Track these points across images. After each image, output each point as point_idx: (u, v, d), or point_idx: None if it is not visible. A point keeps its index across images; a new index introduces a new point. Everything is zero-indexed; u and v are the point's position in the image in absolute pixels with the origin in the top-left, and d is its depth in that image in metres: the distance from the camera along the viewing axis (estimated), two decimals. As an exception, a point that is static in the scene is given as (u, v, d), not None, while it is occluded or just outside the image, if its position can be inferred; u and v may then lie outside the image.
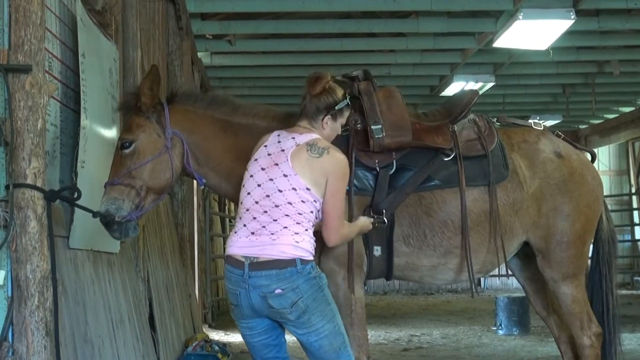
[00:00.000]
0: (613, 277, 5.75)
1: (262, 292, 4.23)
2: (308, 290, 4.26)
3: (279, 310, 4.25)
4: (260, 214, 4.31)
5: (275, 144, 4.45)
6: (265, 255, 4.24)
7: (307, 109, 4.53)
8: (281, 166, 4.34)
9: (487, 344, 11.17)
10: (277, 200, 4.29)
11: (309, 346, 4.36)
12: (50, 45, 4.73)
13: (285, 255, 4.24)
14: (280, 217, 4.28)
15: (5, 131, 4.09)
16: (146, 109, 4.78)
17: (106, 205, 4.66)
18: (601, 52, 14.14)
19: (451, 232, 5.11)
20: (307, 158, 4.33)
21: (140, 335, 6.47)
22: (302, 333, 4.32)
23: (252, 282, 4.24)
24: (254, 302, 4.27)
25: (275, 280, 4.22)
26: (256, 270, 4.24)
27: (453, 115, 5.26)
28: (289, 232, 4.27)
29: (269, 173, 4.36)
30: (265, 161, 4.41)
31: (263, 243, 4.27)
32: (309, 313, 4.27)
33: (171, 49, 9.90)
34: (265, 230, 4.28)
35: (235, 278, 4.30)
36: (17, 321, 4.10)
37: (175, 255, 9.30)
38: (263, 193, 4.33)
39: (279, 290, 4.22)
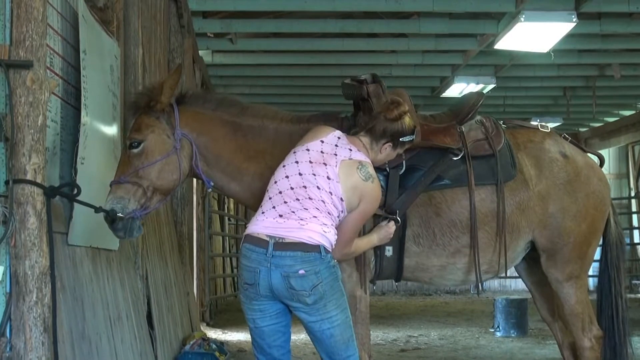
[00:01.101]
0: (622, 281, 5.77)
1: (284, 272, 4.25)
2: (328, 277, 4.30)
3: (299, 291, 4.26)
4: (293, 200, 4.36)
5: (331, 145, 4.51)
6: (292, 237, 4.28)
7: (375, 129, 4.59)
8: (328, 168, 4.40)
9: (484, 345, 11.17)
10: (313, 194, 4.36)
11: (320, 334, 4.36)
12: (51, 41, 4.73)
13: (311, 240, 4.28)
14: (311, 208, 4.34)
15: (5, 127, 4.09)
16: (161, 109, 4.80)
17: (111, 204, 4.67)
18: (602, 55, 14.14)
19: (459, 231, 5.13)
20: (354, 176, 4.42)
21: (138, 332, 6.47)
22: (315, 320, 4.33)
23: (275, 261, 4.26)
24: (274, 282, 4.27)
25: (300, 261, 4.25)
26: (281, 250, 4.26)
27: (460, 116, 5.30)
28: (317, 222, 4.32)
29: (314, 168, 4.41)
30: (316, 156, 4.46)
31: (291, 226, 4.30)
32: (326, 299, 4.30)
33: (172, 47, 9.90)
34: (294, 216, 4.32)
35: (256, 256, 4.30)
36: (16, 317, 4.09)
37: (174, 253, 9.30)
38: (302, 182, 4.38)
39: (302, 271, 4.24)
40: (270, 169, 5.00)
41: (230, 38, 12.90)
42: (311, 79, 15.85)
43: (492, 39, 11.97)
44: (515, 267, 5.77)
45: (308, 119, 5.17)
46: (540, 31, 10.90)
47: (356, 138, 4.61)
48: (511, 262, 5.44)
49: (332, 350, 4.39)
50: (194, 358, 8.08)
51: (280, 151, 5.03)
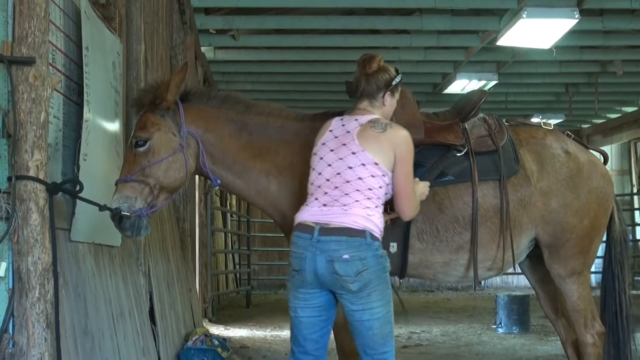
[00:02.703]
0: (626, 277, 5.77)
1: (329, 256, 4.26)
2: (374, 266, 4.30)
3: (343, 277, 4.26)
4: (332, 189, 4.38)
5: (340, 127, 4.54)
6: (336, 222, 4.30)
7: (367, 89, 4.62)
8: (349, 145, 4.43)
9: (486, 342, 11.17)
10: (348, 176, 4.37)
11: (360, 325, 4.35)
12: (54, 38, 4.73)
13: (356, 225, 4.29)
14: (351, 191, 4.35)
15: (8, 123, 4.09)
16: (167, 107, 4.80)
17: (118, 203, 4.67)
18: (604, 51, 14.13)
19: (462, 227, 5.14)
20: (373, 134, 4.44)
21: (141, 328, 6.48)
22: (357, 309, 4.32)
23: (321, 245, 4.28)
24: (319, 267, 4.28)
25: (345, 246, 4.26)
26: (326, 235, 4.28)
27: (463, 113, 5.33)
28: (360, 205, 4.34)
29: (337, 153, 4.44)
30: (333, 143, 4.49)
31: (335, 212, 4.33)
32: (370, 288, 4.29)
33: (175, 43, 9.89)
34: (337, 203, 4.35)
35: (303, 241, 4.33)
36: (18, 313, 4.10)
37: (177, 249, 9.31)
38: (334, 171, 4.40)
39: (347, 255, 4.25)
40: (275, 167, 5.02)
41: (233, 34, 12.90)
42: (313, 75, 15.85)
43: (494, 35, 11.96)
44: (519, 265, 5.77)
45: (312, 116, 5.19)
46: (543, 28, 10.88)
47: (355, 110, 4.65)
48: (515, 258, 5.44)
49: (368, 344, 4.38)
50: (197, 354, 8.08)
51: (286, 149, 5.05)
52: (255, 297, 18.32)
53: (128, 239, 5.39)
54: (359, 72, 4.66)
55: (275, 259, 22.24)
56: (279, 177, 5.04)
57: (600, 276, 5.90)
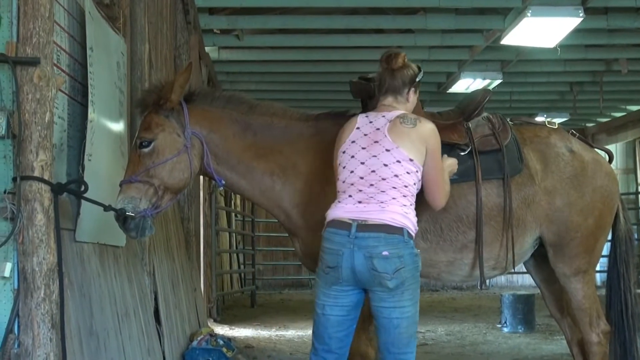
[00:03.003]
0: (631, 276, 5.76)
1: (368, 253, 4.25)
2: (410, 264, 4.32)
3: (381, 273, 4.25)
4: (367, 187, 4.37)
5: (367, 125, 4.52)
6: (374, 219, 4.29)
7: (392, 85, 4.62)
8: (382, 142, 4.42)
9: (491, 341, 11.17)
10: (384, 173, 4.36)
11: (388, 322, 4.34)
12: (58, 38, 4.74)
13: (394, 222, 4.29)
14: (387, 189, 4.35)
15: (13, 123, 4.10)
16: (171, 107, 4.81)
17: (122, 204, 4.67)
18: (609, 50, 14.11)
19: (466, 226, 5.14)
20: (404, 130, 4.43)
21: (146, 328, 6.48)
22: (387, 306, 4.31)
23: (359, 242, 4.26)
24: (357, 263, 4.26)
25: (383, 242, 4.26)
26: (364, 232, 4.27)
27: (467, 113, 5.32)
28: (397, 203, 4.34)
29: (370, 151, 4.42)
30: (364, 141, 4.47)
31: (372, 209, 4.32)
32: (404, 287, 4.30)
33: (179, 43, 9.90)
34: (374, 200, 4.34)
35: (340, 238, 4.30)
36: (23, 313, 4.10)
37: (181, 249, 9.31)
38: (368, 169, 4.39)
39: (386, 252, 4.24)
40: (279, 167, 5.02)
41: (237, 34, 12.90)
42: (317, 75, 15.84)
43: (499, 34, 11.95)
44: (524, 264, 5.77)
45: (316, 116, 5.19)
46: (547, 26, 10.88)
47: (380, 106, 4.63)
48: (520, 258, 5.43)
49: (392, 342, 4.37)
50: (202, 354, 8.09)
51: (290, 149, 5.05)
52: (260, 297, 18.33)
53: (132, 239, 5.39)
54: (383, 68, 4.65)
55: (279, 258, 22.27)
56: (283, 177, 5.04)
57: (605, 275, 5.89)
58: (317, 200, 4.93)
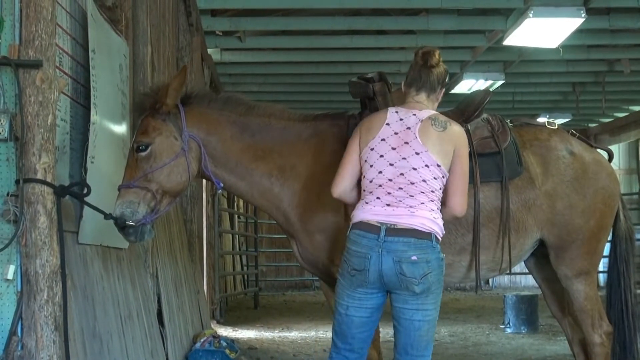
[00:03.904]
0: (631, 275, 5.76)
1: (397, 257, 4.23)
2: (437, 269, 4.31)
3: (409, 278, 4.24)
4: (396, 190, 4.32)
5: (398, 122, 4.42)
6: (404, 224, 4.27)
7: (429, 82, 4.53)
8: (412, 144, 4.35)
9: (495, 342, 11.16)
10: (412, 177, 4.32)
11: (409, 324, 4.34)
12: (60, 40, 4.74)
13: (424, 227, 4.28)
14: (416, 193, 4.31)
15: (15, 126, 4.10)
16: (167, 111, 4.80)
17: (121, 209, 4.68)
18: (611, 50, 14.10)
19: (464, 229, 5.12)
20: (434, 133, 4.37)
21: (149, 330, 6.49)
22: (411, 308, 4.31)
23: (387, 246, 4.24)
24: (385, 267, 4.25)
25: (412, 247, 4.24)
26: (394, 236, 4.25)
27: (466, 114, 5.29)
28: (426, 208, 4.31)
29: (400, 152, 4.35)
30: (394, 140, 4.38)
31: (401, 213, 4.29)
32: (430, 291, 4.30)
33: (181, 45, 9.91)
34: (402, 204, 4.30)
35: (368, 241, 4.27)
36: (27, 316, 4.11)
37: (184, 251, 9.32)
38: (397, 171, 4.33)
39: (415, 257, 4.23)
40: (278, 168, 5.01)
41: (239, 36, 12.91)
42: (320, 77, 15.84)
43: (501, 35, 11.95)
44: (525, 264, 5.77)
45: (315, 117, 5.18)
46: (549, 27, 10.87)
47: (411, 102, 4.53)
48: (518, 259, 5.43)
49: (412, 344, 4.36)
50: (205, 355, 8.09)
51: (288, 150, 5.04)
52: (263, 299, 18.34)
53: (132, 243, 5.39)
54: (419, 64, 4.54)
55: (282, 260, 22.26)
56: (281, 179, 5.03)
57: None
58: (316, 202, 4.92)
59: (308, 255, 5.08)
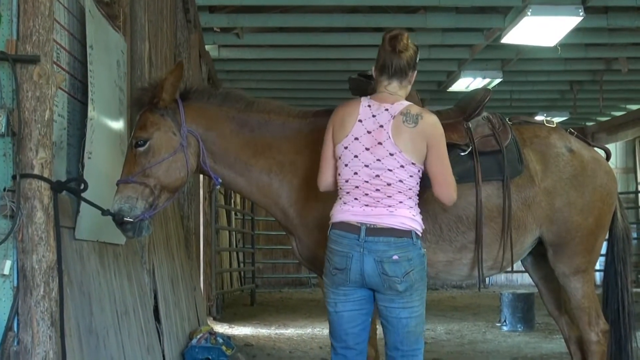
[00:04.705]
0: (628, 274, 5.76)
1: (378, 257, 4.24)
2: (419, 265, 4.31)
3: (391, 277, 4.25)
4: (373, 191, 4.31)
5: (370, 119, 4.37)
6: (383, 223, 4.27)
7: (399, 68, 4.47)
8: (385, 145, 4.31)
9: (491, 339, 11.17)
10: (388, 179, 4.30)
11: (396, 322, 4.34)
12: (58, 36, 4.74)
13: (403, 225, 4.28)
14: (394, 193, 4.30)
15: (12, 121, 4.10)
16: (164, 106, 4.79)
17: (119, 204, 4.66)
18: (609, 49, 14.11)
19: (465, 226, 5.13)
20: (406, 130, 4.32)
21: (145, 327, 6.49)
22: (396, 306, 4.31)
23: (369, 246, 4.25)
24: (366, 267, 4.25)
25: (393, 247, 4.25)
26: (374, 236, 4.25)
27: (467, 112, 5.29)
28: (404, 206, 4.31)
29: (374, 153, 4.32)
30: (367, 140, 4.34)
31: (380, 213, 4.29)
32: (414, 288, 4.30)
33: (179, 42, 9.90)
34: (380, 204, 4.30)
35: (349, 241, 4.28)
36: (23, 311, 4.11)
37: (181, 247, 9.32)
38: (372, 173, 4.31)
39: (396, 256, 4.24)
40: (277, 164, 5.01)
41: (237, 33, 12.90)
42: (318, 74, 15.84)
43: (499, 33, 11.95)
44: (522, 262, 5.78)
45: (314, 113, 5.17)
46: (547, 25, 10.88)
47: (383, 93, 4.46)
48: (518, 257, 5.44)
49: (402, 340, 4.37)
50: (201, 352, 8.09)
51: (287, 146, 5.03)
52: (260, 295, 18.34)
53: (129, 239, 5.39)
54: (387, 50, 4.50)
55: (279, 257, 22.27)
56: (280, 175, 5.03)
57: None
58: (315, 198, 4.91)
59: (306, 251, 5.08)
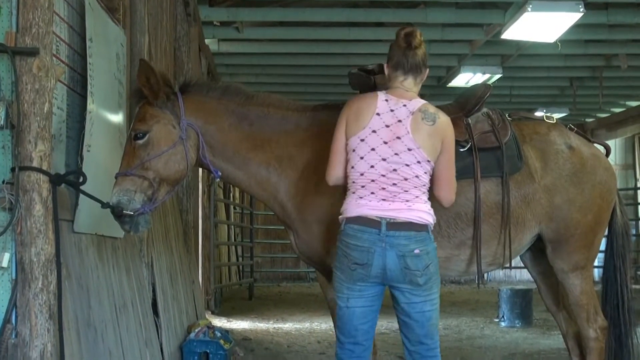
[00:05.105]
0: (627, 270, 5.76)
1: (400, 252, 4.26)
2: (434, 259, 4.37)
3: (413, 271, 4.27)
4: (390, 185, 4.32)
5: (388, 113, 4.38)
6: (402, 218, 4.29)
7: (414, 65, 4.46)
8: (404, 139, 4.33)
9: (489, 335, 11.18)
10: (405, 173, 4.32)
11: (420, 316, 4.37)
12: (58, 28, 4.73)
13: (421, 220, 4.32)
14: (410, 188, 4.33)
15: (11, 114, 4.09)
16: (154, 100, 4.78)
17: (118, 197, 4.65)
18: (609, 45, 14.10)
19: (464, 223, 5.12)
20: (425, 128, 4.35)
21: (144, 320, 6.49)
22: (419, 301, 4.34)
23: (390, 240, 4.26)
24: (389, 261, 4.27)
25: (414, 241, 4.28)
26: (395, 230, 4.27)
27: (467, 108, 5.27)
28: (421, 201, 4.35)
29: (392, 147, 4.33)
30: (386, 134, 4.35)
31: (399, 208, 4.31)
32: (432, 281, 4.35)
33: (179, 35, 9.89)
34: (397, 198, 4.32)
35: (369, 236, 4.28)
36: (21, 304, 4.11)
37: (180, 241, 9.32)
38: (390, 167, 4.32)
39: (417, 250, 4.27)
40: (276, 158, 5.00)
41: (237, 26, 12.89)
42: (317, 68, 15.84)
43: (499, 28, 11.95)
44: (521, 258, 5.78)
45: (314, 107, 5.17)
46: (547, 21, 10.87)
47: (398, 89, 4.47)
48: (516, 253, 5.44)
49: (427, 334, 4.40)
50: (199, 346, 8.09)
51: (287, 140, 5.02)
52: (258, 290, 18.35)
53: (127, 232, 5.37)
54: (403, 46, 4.45)
55: (278, 251, 22.29)
56: (279, 169, 5.02)
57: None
58: (313, 192, 4.91)
59: (304, 246, 5.08)
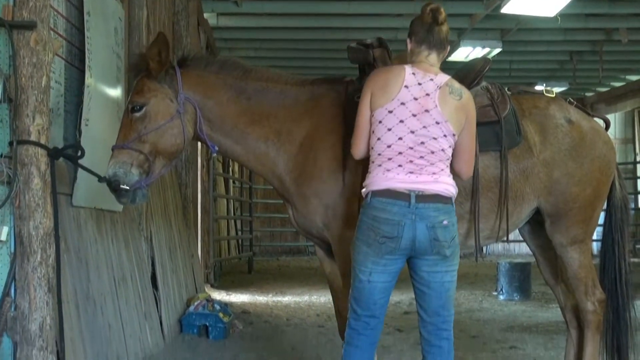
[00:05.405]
0: (625, 244, 5.77)
1: (430, 223, 4.29)
2: (457, 231, 4.43)
3: (442, 242, 4.31)
4: (417, 158, 4.34)
5: (416, 86, 4.40)
6: (430, 190, 4.32)
7: (439, 40, 4.54)
8: (432, 113, 4.36)
9: (487, 308, 11.22)
10: (432, 147, 4.35)
11: (440, 286, 4.40)
12: (55, 2, 4.72)
13: (447, 192, 4.36)
14: (436, 161, 4.36)
15: (9, 88, 4.09)
16: (156, 74, 4.76)
17: (114, 169, 4.62)
18: (610, 19, 14.04)
19: (462, 197, 5.12)
20: (452, 102, 4.40)
21: (143, 293, 6.51)
22: (440, 270, 4.38)
23: (420, 212, 4.29)
24: (419, 233, 4.29)
25: (442, 212, 4.32)
26: (424, 202, 4.30)
27: (466, 82, 5.24)
28: (445, 173, 4.39)
29: (421, 120, 4.35)
30: (414, 106, 4.36)
31: (426, 181, 4.33)
32: (455, 252, 4.40)
33: (177, 9, 9.85)
34: (424, 171, 4.34)
35: (399, 209, 4.30)
36: (20, 277, 4.12)
37: (179, 215, 9.33)
38: (417, 140, 4.34)
39: (446, 222, 4.32)
40: (274, 132, 4.99)
41: (236, 1, 12.83)
42: (317, 42, 15.77)
43: (499, 2, 11.89)
44: (520, 231, 5.78)
45: (313, 82, 5.15)
46: (548, -5, 10.84)
47: (424, 64, 4.52)
48: (514, 227, 5.45)
49: (444, 305, 4.43)
50: (198, 319, 8.13)
51: (285, 114, 5.02)
52: (257, 263, 18.39)
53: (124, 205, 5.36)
54: (429, 21, 4.54)
55: (277, 225, 22.32)
56: (277, 143, 5.01)
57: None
58: (312, 167, 4.91)
59: (303, 220, 5.08)
